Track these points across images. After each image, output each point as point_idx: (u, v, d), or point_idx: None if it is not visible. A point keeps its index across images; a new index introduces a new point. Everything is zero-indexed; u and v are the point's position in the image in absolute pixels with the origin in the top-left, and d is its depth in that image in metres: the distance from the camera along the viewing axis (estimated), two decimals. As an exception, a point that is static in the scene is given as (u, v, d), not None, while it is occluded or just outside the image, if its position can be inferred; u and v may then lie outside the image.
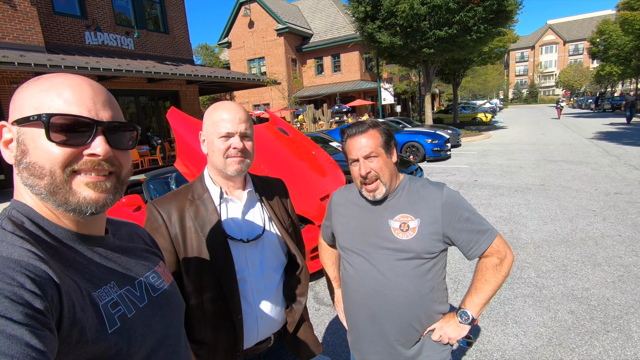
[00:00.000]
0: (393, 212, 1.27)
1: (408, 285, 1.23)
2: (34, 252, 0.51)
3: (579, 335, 2.62)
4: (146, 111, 13.01)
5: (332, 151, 7.12)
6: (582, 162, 9.18)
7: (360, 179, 1.25)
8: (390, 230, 1.25)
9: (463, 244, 1.25)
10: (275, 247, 1.21)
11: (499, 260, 1.23)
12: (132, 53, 11.88)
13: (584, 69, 56.88)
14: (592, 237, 4.37)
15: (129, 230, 0.80)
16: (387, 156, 1.25)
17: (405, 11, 12.88)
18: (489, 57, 21.60)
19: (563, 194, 6.35)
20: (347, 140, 1.28)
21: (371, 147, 1.22)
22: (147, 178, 4.44)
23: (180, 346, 0.75)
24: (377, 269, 1.26)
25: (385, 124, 1.30)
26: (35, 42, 8.96)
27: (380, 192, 1.25)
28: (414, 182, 1.32)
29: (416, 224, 1.23)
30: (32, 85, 0.60)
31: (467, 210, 1.25)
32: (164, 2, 13.07)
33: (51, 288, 0.50)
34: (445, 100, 44.61)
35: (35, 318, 0.45)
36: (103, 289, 0.60)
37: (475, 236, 1.23)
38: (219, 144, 1.10)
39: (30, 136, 0.57)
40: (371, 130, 1.24)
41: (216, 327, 1.12)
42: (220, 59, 33.82)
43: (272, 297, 1.20)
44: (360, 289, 1.31)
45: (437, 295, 1.27)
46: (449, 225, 1.22)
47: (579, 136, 14.74)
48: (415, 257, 1.22)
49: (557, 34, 69.49)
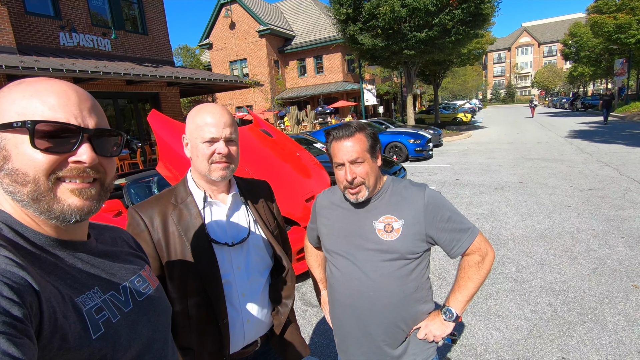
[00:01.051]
0: (377, 213, 1.27)
1: (393, 286, 1.24)
2: (12, 259, 0.50)
3: (558, 327, 2.72)
4: (125, 114, 12.69)
5: (316, 152, 7.13)
6: (558, 159, 9.52)
7: (345, 183, 1.24)
8: (375, 231, 1.25)
9: (445, 243, 1.26)
10: (260, 250, 1.21)
11: (480, 258, 1.25)
12: (109, 54, 11.58)
13: (557, 69, 59.03)
14: (568, 231, 4.54)
15: (112, 234, 0.79)
16: (372, 161, 1.25)
17: (386, 13, 13.06)
18: (468, 59, 22.18)
19: (540, 190, 6.56)
20: (332, 143, 1.25)
21: (357, 151, 1.20)
22: (128, 182, 4.34)
23: (167, 351, 0.74)
24: (362, 270, 1.26)
25: (369, 127, 1.29)
26: (6, 43, 8.63)
27: (363, 195, 1.24)
28: (397, 184, 1.32)
29: (400, 224, 1.23)
30: (14, 90, 0.58)
31: (449, 209, 1.26)
32: (142, 2, 12.80)
33: (30, 295, 0.48)
34: (427, 100, 45.40)
35: (13, 326, 0.45)
36: (86, 295, 0.59)
37: (457, 235, 1.24)
38: (204, 149, 1.07)
39: (13, 142, 0.56)
40: (358, 134, 1.22)
41: (202, 332, 1.10)
42: (201, 60, 33.34)
43: (259, 300, 1.19)
44: (345, 291, 1.31)
45: (422, 294, 1.28)
46: (431, 225, 1.23)
47: (554, 135, 15.27)
48: (400, 258, 1.23)
49: (532, 36, 71.85)
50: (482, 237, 1.28)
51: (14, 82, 0.59)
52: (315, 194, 4.12)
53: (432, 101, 33.33)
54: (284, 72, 27.73)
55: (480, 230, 1.30)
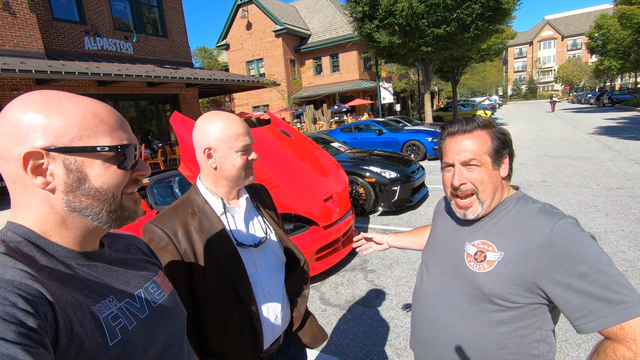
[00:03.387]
0: (476, 235, 1.02)
1: (464, 329, 0.98)
2: (27, 271, 0.52)
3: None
4: (146, 115, 13.04)
5: (334, 152, 7.14)
6: (583, 157, 9.19)
7: (450, 189, 1.02)
8: (464, 254, 1.02)
9: (566, 307, 0.87)
10: (275, 248, 1.26)
11: (632, 355, 0.80)
12: (131, 57, 11.91)
13: (582, 63, 56.86)
14: (595, 232, 4.38)
15: (125, 242, 0.81)
16: (493, 167, 0.98)
17: (404, 10, 12.90)
18: (488, 54, 21.61)
19: (565, 190, 6.36)
20: (445, 139, 1.04)
21: (474, 152, 0.97)
22: (151, 182, 4.47)
23: (182, 355, 0.76)
24: (435, 292, 1.07)
25: (501, 128, 1.03)
26: (35, 48, 9.00)
27: (474, 212, 1.00)
28: (523, 205, 1.00)
29: (496, 257, 0.95)
30: (70, 113, 0.59)
31: (588, 262, 0.85)
32: (162, 5, 13.10)
33: (44, 306, 0.50)
34: (445, 97, 44.60)
35: (29, 336, 0.46)
36: (102, 303, 0.61)
37: (593, 304, 0.84)
38: (237, 158, 1.12)
39: (90, 163, 0.61)
40: (479, 131, 0.99)
41: (238, 334, 1.13)
42: (218, 61, 33.86)
43: (281, 296, 1.24)
44: (416, 306, 1.17)
45: (514, 358, 0.96)
46: (547, 275, 0.88)
47: (579, 131, 14.74)
48: (482, 299, 0.96)
49: (555, 29, 69.46)
50: None
51: (56, 102, 0.59)
52: (333, 194, 4.14)
53: (450, 98, 32.74)
54: (300, 71, 27.81)
55: None
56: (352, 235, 4.21)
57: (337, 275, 3.90)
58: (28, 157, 0.56)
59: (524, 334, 0.95)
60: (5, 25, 8.49)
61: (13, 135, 0.56)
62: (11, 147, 0.56)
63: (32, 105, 0.57)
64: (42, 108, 0.57)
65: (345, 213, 4.08)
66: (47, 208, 0.60)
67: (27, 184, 0.58)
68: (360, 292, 3.50)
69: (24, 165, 0.56)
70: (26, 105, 0.57)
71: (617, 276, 0.84)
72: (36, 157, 0.57)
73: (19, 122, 0.56)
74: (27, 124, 0.56)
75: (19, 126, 0.56)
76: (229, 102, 29.72)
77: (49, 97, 0.59)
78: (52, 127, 0.57)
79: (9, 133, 0.56)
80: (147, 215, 4.14)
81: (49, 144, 0.57)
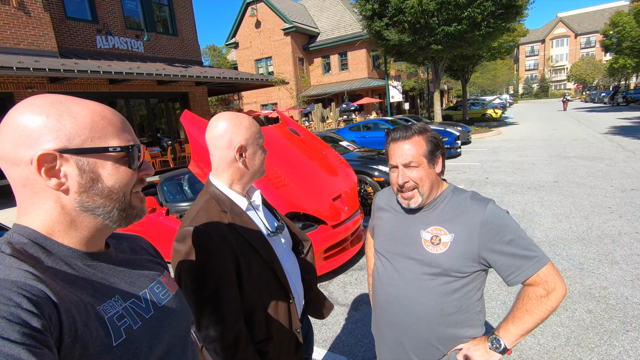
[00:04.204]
0: (427, 222, 1.22)
1: (430, 301, 1.17)
2: (32, 272, 0.53)
3: (598, 335, 2.59)
4: (156, 113, 13.17)
5: (342, 150, 7.12)
6: (597, 157, 9.02)
7: (397, 187, 1.21)
8: (421, 241, 1.20)
9: (502, 268, 1.14)
10: (286, 233, 1.35)
11: (545, 292, 1.10)
12: (142, 56, 12.04)
13: (596, 62, 55.75)
14: (608, 234, 4.30)
15: (130, 243, 0.82)
16: (429, 167, 1.18)
17: (414, 7, 12.79)
18: (499, 52, 21.32)
19: (577, 190, 6.25)
20: (390, 144, 1.23)
21: (413, 155, 1.16)
22: (162, 180, 4.51)
23: (186, 355, 0.76)
24: (402, 277, 1.23)
25: (435, 133, 1.22)
26: (49, 47, 9.15)
27: (416, 202, 1.19)
28: (458, 194, 1.23)
29: (449, 239, 1.16)
30: (80, 114, 0.61)
31: (512, 232, 1.13)
32: (173, 4, 13.20)
33: (48, 307, 0.51)
34: (454, 96, 44.15)
35: (33, 337, 0.46)
36: (107, 303, 0.61)
37: (518, 261, 1.12)
38: (262, 154, 1.22)
39: (101, 164, 0.63)
40: (416, 137, 1.18)
41: (282, 316, 1.20)
42: (227, 59, 34.02)
43: (298, 277, 1.33)
44: (383, 295, 1.30)
45: (465, 317, 1.19)
46: (486, 246, 1.13)
47: (592, 131, 14.47)
48: (442, 274, 1.16)
49: (568, 26, 68.20)
50: (552, 269, 1.13)
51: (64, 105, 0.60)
52: (342, 193, 4.13)
53: (460, 97, 32.41)
54: (309, 70, 27.80)
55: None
56: (360, 235, 4.19)
57: (345, 275, 3.89)
58: (42, 159, 0.57)
59: (471, 295, 1.19)
60: (20, 24, 8.65)
61: (23, 140, 0.57)
62: (21, 151, 0.57)
63: (39, 109, 0.58)
64: (51, 111, 0.58)
65: (354, 212, 4.07)
66: (57, 209, 0.61)
67: (38, 186, 0.59)
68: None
69: (38, 167, 0.57)
70: (34, 110, 0.58)
71: (529, 238, 1.16)
72: (49, 159, 0.57)
73: (28, 126, 0.57)
74: (37, 128, 0.57)
75: (29, 130, 0.57)
76: (238, 101, 29.88)
77: (56, 101, 0.60)
78: (64, 129, 0.58)
79: (18, 138, 0.57)
80: (158, 212, 4.18)
81: (62, 146, 0.58)
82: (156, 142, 12.71)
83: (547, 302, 1.10)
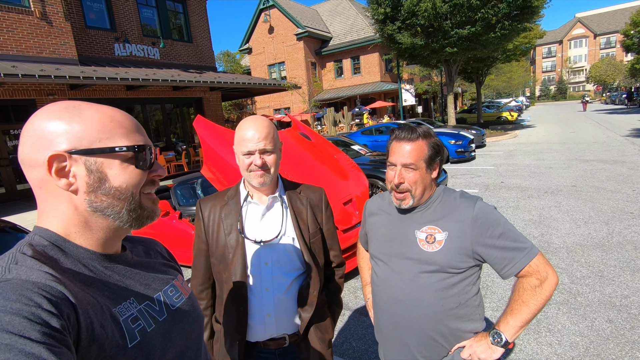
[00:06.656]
0: (421, 222, 1.25)
1: (430, 298, 1.20)
2: (51, 273, 0.54)
3: (619, 346, 2.49)
4: (171, 118, 13.43)
5: (354, 154, 7.10)
6: (618, 161, 8.74)
7: (392, 184, 1.24)
8: (416, 240, 1.24)
9: (495, 261, 1.18)
10: (289, 252, 1.25)
11: (538, 282, 1.14)
12: (158, 62, 12.32)
13: (617, 62, 54.13)
14: (630, 241, 4.15)
15: (146, 246, 0.83)
16: (426, 171, 1.22)
17: (427, 10, 12.71)
18: (514, 54, 20.94)
19: (597, 195, 6.06)
20: (393, 142, 1.26)
21: (413, 157, 1.20)
22: (175, 184, 4.58)
23: (199, 358, 0.76)
24: (400, 278, 1.26)
25: (437, 139, 1.26)
26: (69, 55, 9.46)
27: (407, 203, 1.24)
28: (448, 194, 1.28)
29: (443, 237, 1.20)
30: (90, 117, 0.63)
31: (502, 226, 1.18)
32: (188, 12, 13.49)
33: (67, 307, 0.52)
34: (469, 99, 43.54)
35: (52, 336, 0.48)
36: (123, 305, 0.63)
37: (510, 254, 1.16)
38: (243, 160, 1.23)
39: (109, 164, 0.64)
40: (419, 141, 1.21)
41: (226, 312, 1.27)
42: (241, 64, 34.47)
43: (282, 298, 1.24)
44: (384, 297, 1.32)
45: (465, 311, 1.22)
46: (479, 241, 1.17)
47: (613, 134, 14.04)
48: (439, 271, 1.19)
49: (586, 27, 66.52)
50: (543, 259, 1.17)
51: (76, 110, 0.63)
52: (353, 197, 4.11)
53: (475, 99, 31.95)
54: (321, 74, 27.89)
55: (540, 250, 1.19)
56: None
57: (356, 280, 3.86)
58: (52, 160, 0.59)
59: (468, 290, 1.22)
60: (43, 33, 8.97)
61: (39, 143, 0.60)
62: (37, 154, 0.60)
63: (54, 114, 0.61)
64: (63, 115, 0.61)
65: (365, 217, 4.04)
66: (71, 210, 0.63)
67: (52, 187, 0.61)
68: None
69: (48, 167, 0.59)
70: (49, 115, 0.61)
71: (517, 231, 1.20)
72: (59, 160, 0.60)
73: (43, 130, 0.60)
74: (51, 131, 0.60)
75: (44, 133, 0.60)
76: (251, 105, 30.18)
77: (70, 105, 0.63)
78: (73, 131, 0.61)
79: (35, 141, 0.60)
80: (171, 216, 4.24)
81: (71, 147, 0.61)
82: (171, 146, 12.95)
83: (541, 292, 1.14)
